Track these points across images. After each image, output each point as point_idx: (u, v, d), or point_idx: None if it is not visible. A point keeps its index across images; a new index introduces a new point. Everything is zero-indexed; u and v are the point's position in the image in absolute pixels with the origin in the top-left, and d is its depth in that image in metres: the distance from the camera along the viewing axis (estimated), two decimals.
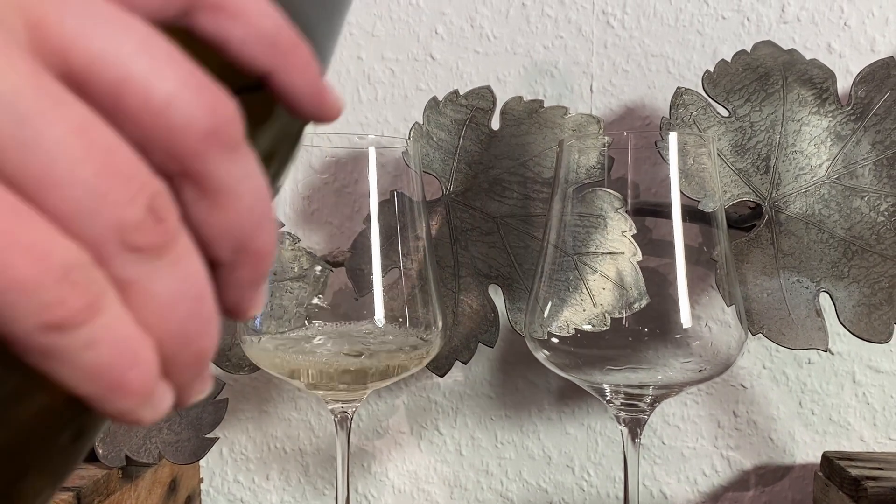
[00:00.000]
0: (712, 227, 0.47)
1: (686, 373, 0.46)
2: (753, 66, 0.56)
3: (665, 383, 0.47)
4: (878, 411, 0.68)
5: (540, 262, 0.51)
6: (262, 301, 0.21)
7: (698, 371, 0.46)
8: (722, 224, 0.47)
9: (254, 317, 0.24)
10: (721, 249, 0.47)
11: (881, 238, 0.52)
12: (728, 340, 0.46)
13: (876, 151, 0.54)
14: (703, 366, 0.46)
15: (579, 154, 0.52)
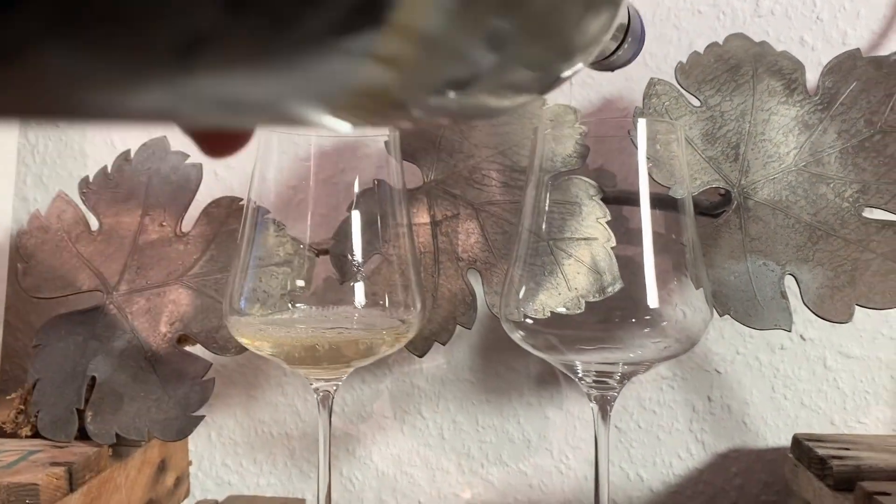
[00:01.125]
0: (681, 213, 0.49)
1: (654, 351, 0.48)
2: (725, 57, 0.58)
3: (634, 361, 0.49)
4: (849, 395, 0.70)
5: (516, 247, 0.53)
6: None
7: (664, 348, 0.48)
8: (689, 210, 0.49)
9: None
10: (689, 235, 0.49)
11: (845, 223, 0.54)
12: (695, 320, 0.48)
13: (842, 140, 0.55)
14: (669, 344, 0.48)
15: (556, 143, 0.54)
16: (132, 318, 0.56)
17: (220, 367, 0.74)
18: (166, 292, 0.57)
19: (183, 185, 0.57)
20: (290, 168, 0.65)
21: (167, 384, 0.54)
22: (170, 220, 0.57)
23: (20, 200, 0.73)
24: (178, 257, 0.57)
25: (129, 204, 0.57)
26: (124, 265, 0.57)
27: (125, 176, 0.58)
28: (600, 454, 0.50)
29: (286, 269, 0.55)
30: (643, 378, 0.71)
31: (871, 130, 0.55)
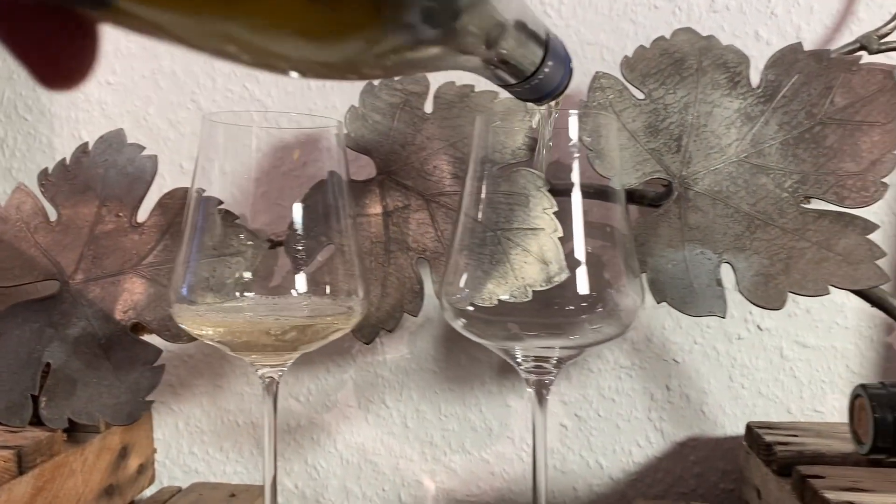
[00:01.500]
0: (615, 203, 0.50)
1: (589, 336, 0.49)
2: (670, 51, 0.59)
3: (570, 346, 0.50)
4: (805, 384, 0.71)
5: (459, 235, 0.54)
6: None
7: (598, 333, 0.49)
8: (622, 200, 0.50)
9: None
10: (622, 224, 0.50)
11: (784, 213, 0.55)
12: (626, 306, 0.49)
13: (783, 132, 0.56)
14: (603, 328, 0.49)
15: (505, 136, 0.55)
16: (87, 306, 0.58)
17: (187, 357, 0.75)
18: (121, 281, 0.58)
19: (138, 177, 0.59)
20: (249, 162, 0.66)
21: (119, 370, 0.56)
22: (125, 211, 0.59)
23: None
24: (133, 247, 0.58)
25: (87, 195, 0.59)
26: (81, 255, 0.58)
27: (83, 168, 0.60)
28: (537, 438, 0.51)
29: (239, 259, 0.57)
30: (602, 367, 0.72)
31: (812, 122, 0.56)
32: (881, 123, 0.55)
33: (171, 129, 0.75)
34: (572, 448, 0.73)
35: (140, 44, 0.75)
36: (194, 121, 0.74)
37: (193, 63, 0.74)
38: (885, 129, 0.55)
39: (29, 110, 0.76)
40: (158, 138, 0.74)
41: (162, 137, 0.74)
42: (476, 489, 0.74)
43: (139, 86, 0.75)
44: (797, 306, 0.70)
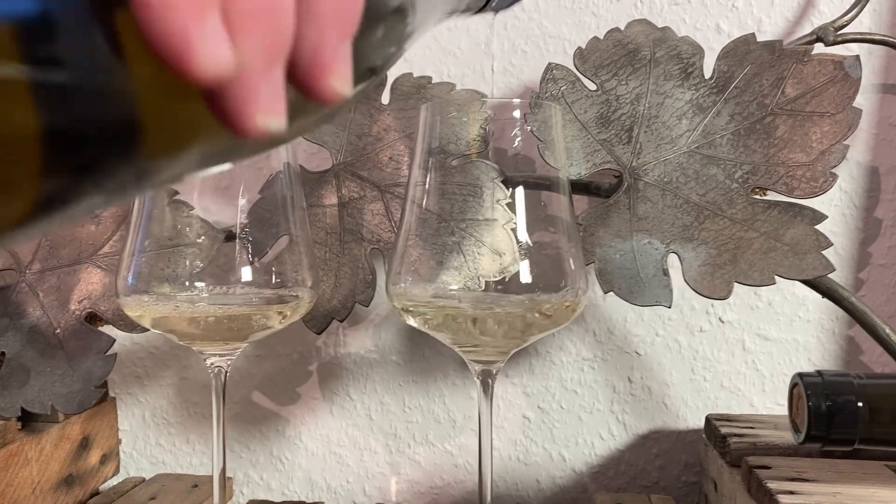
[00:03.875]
0: (558, 193, 0.50)
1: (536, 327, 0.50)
2: (624, 42, 0.59)
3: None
4: (767, 377, 0.71)
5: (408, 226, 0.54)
6: (347, 62, 0.20)
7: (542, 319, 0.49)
8: (566, 190, 0.50)
9: (334, 90, 0.20)
10: (565, 215, 0.50)
11: (733, 203, 0.55)
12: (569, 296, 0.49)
13: (734, 122, 0.57)
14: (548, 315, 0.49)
15: (460, 127, 0.55)
16: (43, 296, 0.58)
17: (154, 348, 0.76)
18: (77, 271, 0.59)
19: None
20: None
21: (73, 359, 0.56)
22: None
23: None
24: (89, 237, 0.59)
25: None
26: (38, 244, 0.59)
27: None
28: (483, 429, 0.51)
29: (194, 249, 0.57)
30: (564, 359, 0.73)
31: (763, 113, 0.56)
32: (831, 114, 0.55)
33: None
34: (535, 440, 0.74)
35: None
36: None
37: None
38: (834, 119, 0.55)
39: None
40: None
41: None
42: (440, 481, 0.75)
43: None
44: (759, 299, 0.70)
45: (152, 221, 0.52)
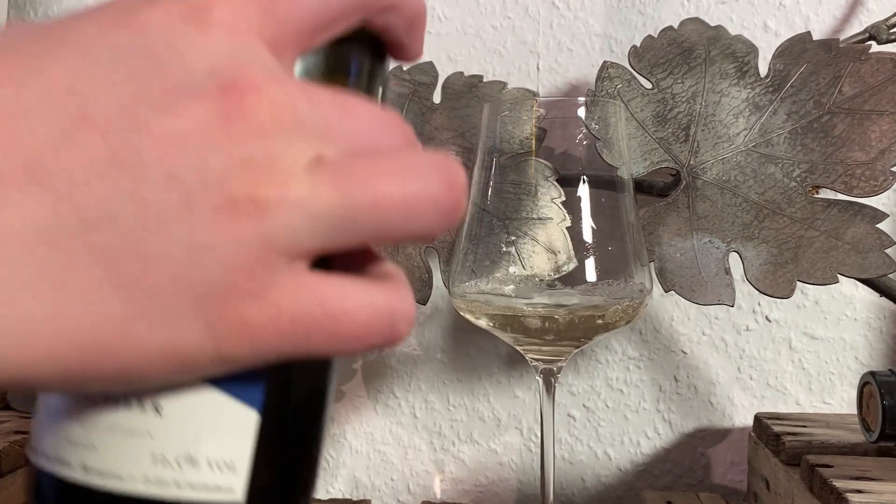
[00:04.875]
0: (621, 192, 0.50)
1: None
2: (678, 41, 0.59)
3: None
4: (814, 376, 0.71)
5: (467, 225, 0.54)
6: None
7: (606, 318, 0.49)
8: (630, 189, 0.50)
9: None
10: (630, 213, 0.50)
11: (792, 202, 0.55)
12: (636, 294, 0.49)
13: (791, 121, 0.57)
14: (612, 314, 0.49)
15: (513, 125, 0.55)
16: None
17: None
18: None
19: None
20: None
21: None
22: None
23: None
24: None
25: None
26: None
27: None
28: (545, 428, 0.52)
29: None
30: (610, 358, 0.73)
31: (820, 112, 0.56)
32: (890, 112, 0.55)
33: None
34: (580, 439, 0.74)
35: None
36: None
37: None
38: (894, 118, 0.55)
39: None
40: None
41: None
42: (484, 479, 0.75)
43: None
44: (806, 298, 0.70)
45: None
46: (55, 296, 0.19)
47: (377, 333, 0.22)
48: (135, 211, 0.19)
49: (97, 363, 0.19)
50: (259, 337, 0.20)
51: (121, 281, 0.19)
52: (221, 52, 0.20)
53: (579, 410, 0.73)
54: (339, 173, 0.20)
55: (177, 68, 0.20)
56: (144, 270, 0.19)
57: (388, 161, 0.21)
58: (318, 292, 0.21)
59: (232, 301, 0.20)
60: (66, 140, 0.19)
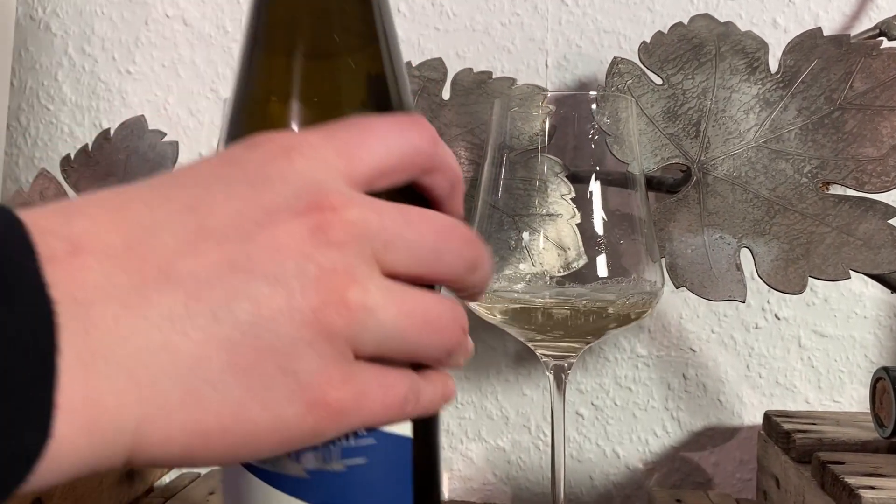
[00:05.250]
0: (633, 189, 0.50)
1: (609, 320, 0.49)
2: (688, 37, 0.59)
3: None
4: (823, 374, 0.71)
5: (476, 222, 0.54)
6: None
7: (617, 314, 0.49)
8: (642, 185, 0.50)
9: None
10: (641, 209, 0.50)
11: (803, 198, 0.55)
12: (647, 290, 0.49)
13: (802, 117, 0.56)
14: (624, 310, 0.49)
15: (522, 121, 0.55)
16: None
17: None
18: None
19: (160, 163, 0.59)
20: None
21: None
22: None
23: (12, 182, 0.76)
24: None
25: (109, 181, 0.59)
26: None
27: (105, 154, 0.60)
28: (556, 423, 0.51)
29: None
30: (618, 356, 0.72)
31: (831, 107, 0.56)
32: None
33: (191, 117, 0.75)
34: (589, 437, 0.73)
35: (160, 34, 0.75)
36: (214, 110, 0.75)
37: (213, 53, 0.75)
38: None
39: (51, 99, 0.77)
40: (178, 127, 0.75)
41: (181, 126, 0.75)
42: (492, 477, 0.75)
43: (159, 75, 0.75)
44: (815, 295, 0.70)
45: None
46: (187, 380, 0.22)
47: (402, 411, 0.27)
48: (249, 308, 0.23)
49: (215, 440, 0.23)
50: (345, 415, 0.25)
51: (239, 368, 0.23)
52: (306, 179, 0.25)
53: (588, 409, 0.73)
54: (396, 293, 0.26)
55: (272, 192, 0.24)
56: (258, 360, 0.23)
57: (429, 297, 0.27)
58: (385, 381, 0.26)
59: (325, 386, 0.24)
60: (191, 247, 0.23)
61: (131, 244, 0.22)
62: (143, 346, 0.21)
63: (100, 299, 0.21)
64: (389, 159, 0.27)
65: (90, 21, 0.76)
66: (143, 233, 0.22)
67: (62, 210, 0.22)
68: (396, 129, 0.28)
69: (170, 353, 0.22)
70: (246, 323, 0.23)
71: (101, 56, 0.76)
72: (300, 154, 0.25)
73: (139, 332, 0.21)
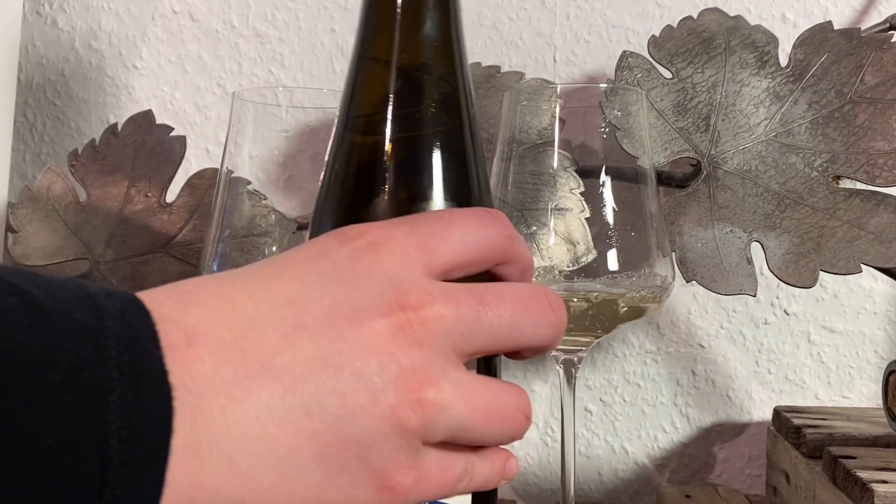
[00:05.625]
0: (643, 184, 0.50)
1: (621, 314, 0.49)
2: (698, 30, 0.58)
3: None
4: (833, 370, 0.71)
5: None
6: None
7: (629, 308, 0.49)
8: (652, 180, 0.50)
9: None
10: (651, 204, 0.50)
11: (814, 192, 0.55)
12: (657, 284, 0.49)
13: (812, 111, 0.56)
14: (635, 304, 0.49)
15: (531, 116, 0.55)
16: (117, 285, 0.58)
17: None
18: (151, 261, 0.59)
19: (167, 157, 0.59)
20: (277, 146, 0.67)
21: None
22: (154, 191, 0.59)
23: (19, 177, 0.76)
24: (162, 227, 0.59)
25: (116, 175, 0.59)
26: (111, 234, 0.59)
27: (112, 148, 0.60)
28: (566, 418, 0.51)
29: (266, 239, 0.57)
30: (627, 352, 0.72)
31: (842, 101, 0.56)
32: None
33: (198, 113, 0.75)
34: (597, 433, 0.73)
35: (167, 29, 0.75)
36: (220, 105, 0.75)
37: (220, 48, 0.75)
38: None
39: (57, 95, 0.77)
40: (185, 122, 0.75)
41: (188, 122, 0.75)
42: None
43: (166, 70, 0.75)
44: (824, 291, 0.70)
45: (232, 211, 0.52)
46: (278, 468, 0.25)
47: (454, 488, 0.30)
48: (336, 402, 0.25)
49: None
50: (406, 496, 0.27)
51: (324, 458, 0.25)
52: (389, 276, 0.28)
53: (596, 405, 0.73)
54: (466, 388, 0.28)
55: (359, 290, 0.27)
56: (340, 450, 0.25)
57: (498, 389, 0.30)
58: (443, 463, 0.29)
59: (395, 474, 0.26)
60: (288, 342, 0.25)
61: (238, 337, 0.25)
62: (243, 435, 0.24)
63: (210, 390, 0.24)
64: (467, 254, 0.30)
65: (97, 16, 0.76)
66: (248, 325, 0.25)
67: (178, 297, 0.25)
68: (475, 225, 0.31)
69: (266, 443, 0.24)
70: (333, 416, 0.25)
71: (108, 51, 0.76)
72: (386, 250, 0.28)
73: (240, 423, 0.24)
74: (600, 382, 0.73)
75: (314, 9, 0.74)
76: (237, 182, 0.54)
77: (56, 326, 0.22)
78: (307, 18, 0.74)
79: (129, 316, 0.23)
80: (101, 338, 0.22)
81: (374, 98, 0.36)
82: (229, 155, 0.53)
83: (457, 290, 0.29)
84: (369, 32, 0.37)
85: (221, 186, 0.52)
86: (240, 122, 0.52)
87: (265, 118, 0.57)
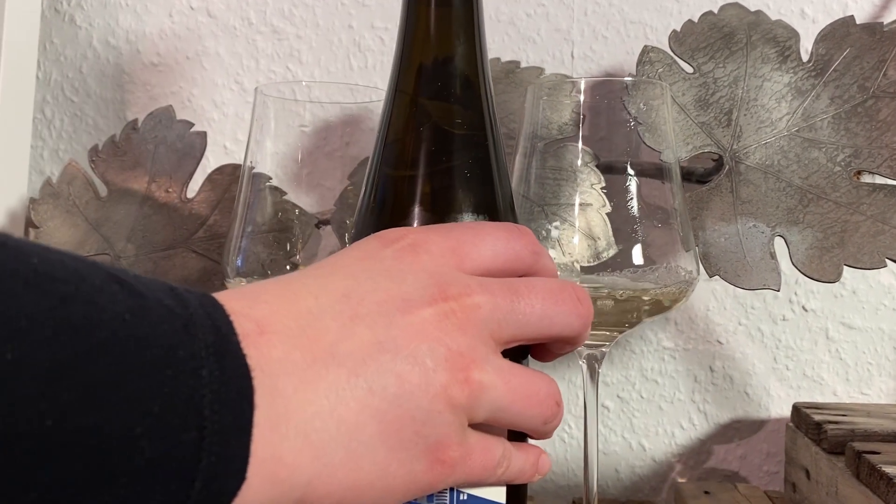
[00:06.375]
0: (667, 180, 0.50)
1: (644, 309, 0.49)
2: (719, 25, 0.58)
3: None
4: (851, 367, 0.70)
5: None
6: None
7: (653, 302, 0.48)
8: (677, 176, 0.50)
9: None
10: (676, 199, 0.50)
11: (837, 187, 0.54)
12: (682, 278, 0.49)
13: (835, 106, 0.56)
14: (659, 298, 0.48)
15: (551, 111, 0.55)
16: None
17: None
18: (172, 256, 0.59)
19: (188, 153, 0.59)
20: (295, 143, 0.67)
21: None
22: (175, 187, 0.59)
23: (37, 174, 0.76)
24: (182, 222, 0.59)
25: (137, 171, 0.59)
26: (132, 229, 0.59)
27: (132, 144, 0.60)
28: (588, 414, 0.51)
29: (287, 234, 0.57)
30: (645, 349, 0.72)
31: (864, 96, 0.56)
32: None
33: (215, 109, 0.75)
34: (614, 430, 0.73)
35: (184, 25, 0.75)
36: (238, 102, 0.75)
37: (237, 44, 0.75)
38: None
39: (75, 92, 0.77)
40: (203, 119, 0.75)
41: (206, 118, 0.75)
42: None
43: (184, 67, 0.75)
44: (843, 287, 0.70)
45: (254, 206, 0.52)
46: (348, 443, 0.27)
47: (494, 472, 0.32)
48: (394, 382, 0.28)
49: (364, 493, 0.28)
50: (454, 470, 0.30)
51: (386, 434, 0.28)
52: (429, 272, 0.30)
53: (613, 401, 0.73)
54: (505, 371, 0.30)
55: (406, 284, 0.30)
56: (400, 426, 0.28)
57: (533, 378, 0.32)
58: (485, 445, 0.31)
59: (447, 448, 0.29)
60: (348, 330, 0.28)
61: (303, 326, 0.27)
62: (315, 413, 0.26)
63: (283, 372, 0.26)
64: (495, 262, 0.33)
65: (115, 13, 0.76)
66: (310, 317, 0.28)
67: (245, 296, 0.27)
68: (504, 238, 0.34)
69: (336, 421, 0.27)
70: (392, 395, 0.28)
71: (126, 48, 0.76)
72: (425, 251, 0.31)
73: (312, 402, 0.26)
74: (618, 379, 0.73)
75: (331, 5, 0.74)
76: (259, 178, 0.54)
77: (153, 310, 0.24)
78: (324, 15, 0.74)
79: (207, 307, 0.26)
80: (189, 322, 0.24)
81: (405, 127, 0.39)
82: (251, 150, 0.53)
83: (492, 283, 0.31)
84: (403, 68, 0.41)
85: (244, 182, 0.52)
86: (262, 117, 0.52)
87: (285, 114, 0.57)
